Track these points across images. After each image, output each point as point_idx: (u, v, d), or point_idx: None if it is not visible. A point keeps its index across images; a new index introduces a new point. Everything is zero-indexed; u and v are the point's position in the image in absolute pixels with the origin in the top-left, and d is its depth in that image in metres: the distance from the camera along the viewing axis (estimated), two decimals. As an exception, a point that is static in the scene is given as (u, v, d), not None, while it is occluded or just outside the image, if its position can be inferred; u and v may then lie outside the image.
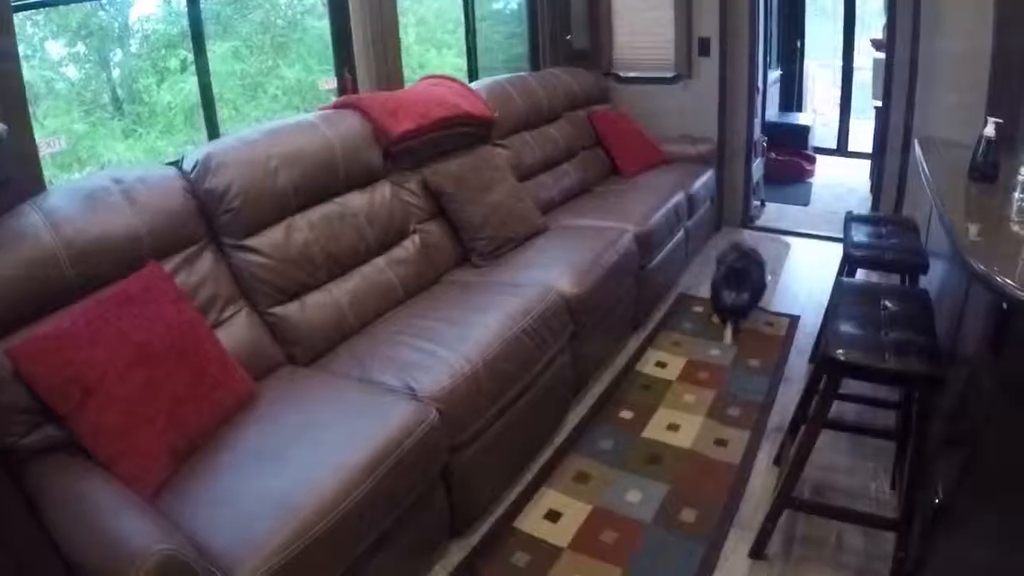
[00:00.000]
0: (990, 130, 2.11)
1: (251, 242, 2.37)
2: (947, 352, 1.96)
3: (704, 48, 4.62)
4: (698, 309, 3.86)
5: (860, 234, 2.80)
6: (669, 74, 4.78)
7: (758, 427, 2.85)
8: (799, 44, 7.36)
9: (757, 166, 5.14)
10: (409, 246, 2.88)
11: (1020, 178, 1.99)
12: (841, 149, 7.65)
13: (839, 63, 8.15)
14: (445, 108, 3.16)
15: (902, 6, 4.02)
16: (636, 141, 4.53)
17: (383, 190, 2.85)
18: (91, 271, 1.95)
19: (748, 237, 4.95)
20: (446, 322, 2.44)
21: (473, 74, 4.29)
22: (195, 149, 2.43)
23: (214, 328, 2.21)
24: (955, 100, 3.39)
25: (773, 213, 5.53)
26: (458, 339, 2.30)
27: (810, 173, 6.55)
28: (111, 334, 1.82)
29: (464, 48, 4.39)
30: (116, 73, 3.63)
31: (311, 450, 1.80)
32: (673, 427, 2.86)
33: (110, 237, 2.00)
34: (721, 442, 2.77)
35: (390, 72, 3.39)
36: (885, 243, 2.72)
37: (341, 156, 2.66)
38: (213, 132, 2.94)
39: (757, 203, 5.35)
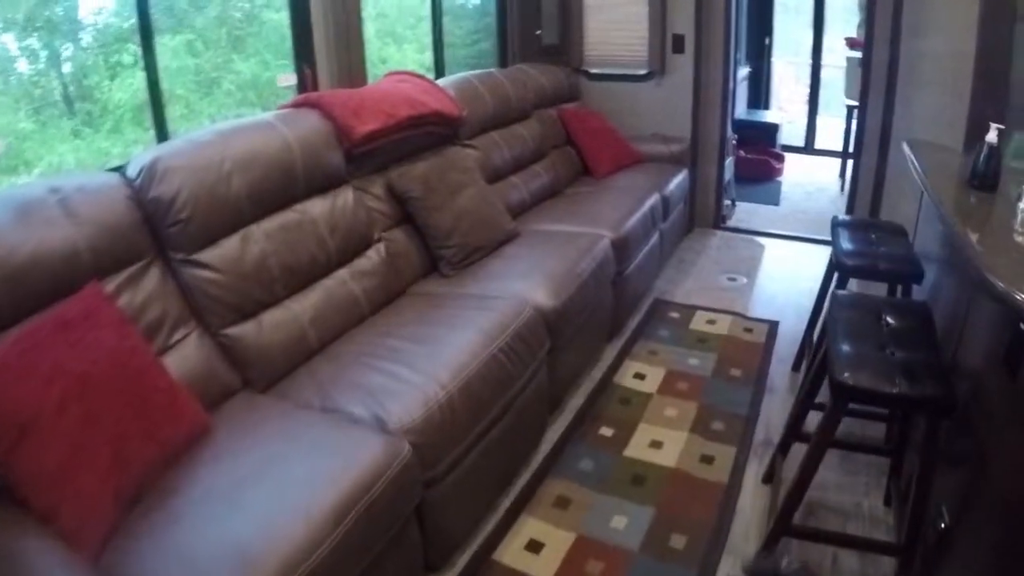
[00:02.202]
0: (992, 136, 1.99)
1: (202, 256, 2.16)
2: (948, 368, 1.85)
3: (678, 45, 4.49)
4: (674, 315, 3.74)
5: (849, 241, 2.68)
6: (642, 71, 4.65)
7: (744, 442, 2.74)
8: (767, 41, 7.29)
9: (728, 165, 5.04)
10: (374, 256, 2.69)
11: (1026, 187, 1.88)
12: (808, 147, 7.63)
13: (806, 61, 8.13)
14: (412, 106, 2.97)
15: (881, 5, 3.93)
16: (608, 140, 4.39)
17: (345, 195, 2.66)
18: (24, 294, 1.74)
19: (719, 238, 4.86)
20: (416, 341, 2.26)
21: (439, 70, 4.11)
22: (141, 153, 2.21)
23: (162, 354, 2.02)
24: (936, 101, 3.30)
25: (744, 213, 5.45)
26: (429, 361, 2.12)
27: (779, 172, 6.49)
28: (47, 365, 1.61)
29: (428, 43, 4.20)
30: (67, 68, 3.39)
31: (272, 493, 1.61)
32: (656, 444, 2.73)
33: (45, 255, 1.78)
34: (707, 459, 2.64)
35: (353, 67, 3.19)
36: (877, 251, 2.60)
37: (300, 159, 2.46)
38: (162, 133, 2.71)
39: (728, 203, 5.25)
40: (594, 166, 4.24)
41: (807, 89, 8.08)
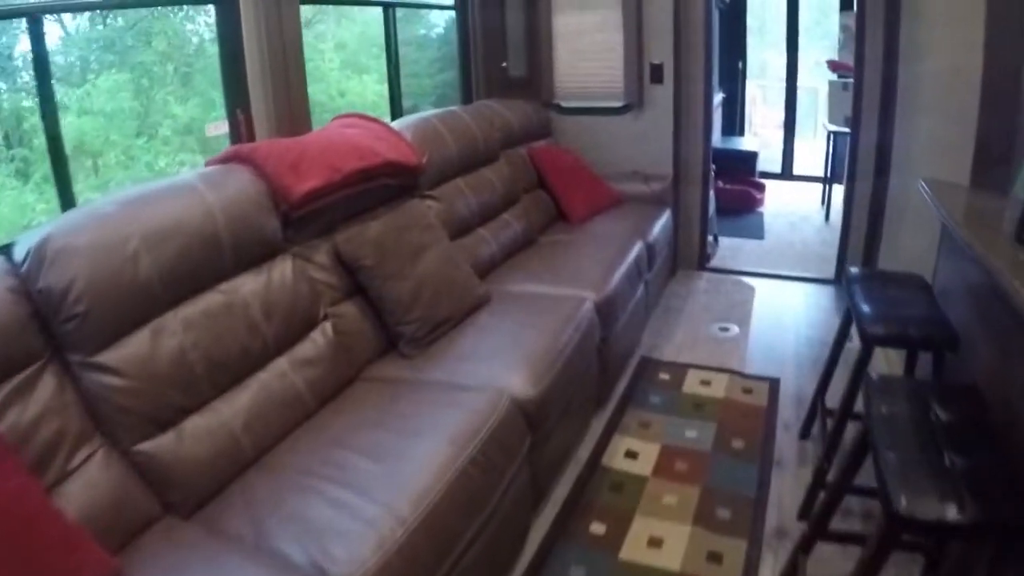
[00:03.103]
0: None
1: (105, 358, 1.73)
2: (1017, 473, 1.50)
3: (657, 75, 4.17)
4: (664, 376, 3.37)
5: (868, 301, 2.33)
6: (618, 104, 4.31)
7: (755, 533, 2.36)
8: (741, 65, 7.03)
9: (711, 199, 4.71)
10: (319, 339, 2.27)
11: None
12: (786, 173, 7.38)
13: (773, 83, 7.91)
14: (362, 157, 2.58)
15: (871, 24, 3.65)
16: (584, 180, 4.03)
17: (283, 267, 2.25)
18: None
19: (705, 281, 4.52)
20: (369, 455, 1.84)
21: (396, 104, 3.72)
22: (30, 232, 1.79)
23: (61, 482, 1.62)
24: (937, 125, 3.00)
25: (728, 250, 5.13)
26: (385, 485, 1.71)
27: (760, 202, 6.21)
28: None
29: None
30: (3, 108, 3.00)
31: None
32: (655, 542, 2.34)
33: None
34: (715, 557, 2.27)
35: (295, 110, 2.80)
36: (902, 313, 2.25)
37: (226, 228, 2.05)
38: (67, 198, 2.29)
39: (711, 239, 4.92)
40: (570, 210, 3.88)
41: (778, 112, 7.86)
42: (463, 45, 4.11)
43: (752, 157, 6.39)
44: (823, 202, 6.28)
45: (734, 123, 7.17)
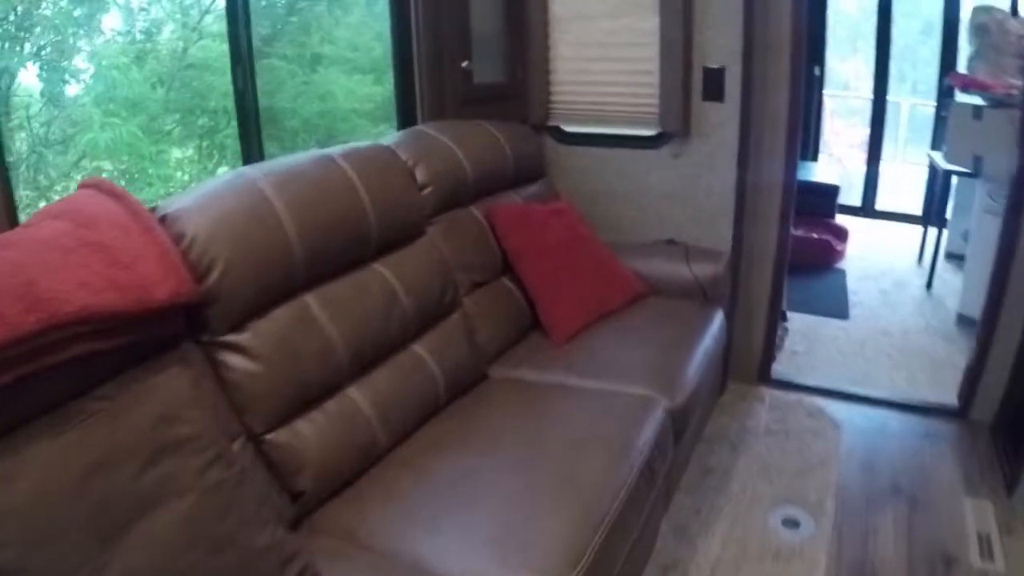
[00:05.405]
0: None
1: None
2: None
3: (714, 86, 2.59)
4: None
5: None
6: (649, 132, 2.74)
7: None
8: (817, 72, 5.39)
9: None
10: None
11: None
12: (868, 208, 5.76)
13: (856, 96, 6.32)
14: (54, 300, 1.07)
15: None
16: (581, 263, 2.44)
17: None
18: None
19: (767, 408, 2.93)
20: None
21: (252, 142, 2.15)
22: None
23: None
24: None
25: (800, 337, 3.56)
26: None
27: (841, 255, 4.59)
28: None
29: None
30: None
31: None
32: None
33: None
34: None
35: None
36: None
37: None
38: None
39: (781, 326, 3.33)
40: (551, 319, 2.29)
41: (857, 129, 6.24)
42: (399, 36, 2.54)
43: (832, 192, 4.79)
44: (920, 256, 4.68)
45: (806, 144, 5.52)
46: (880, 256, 4.84)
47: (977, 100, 3.73)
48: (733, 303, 2.83)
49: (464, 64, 2.54)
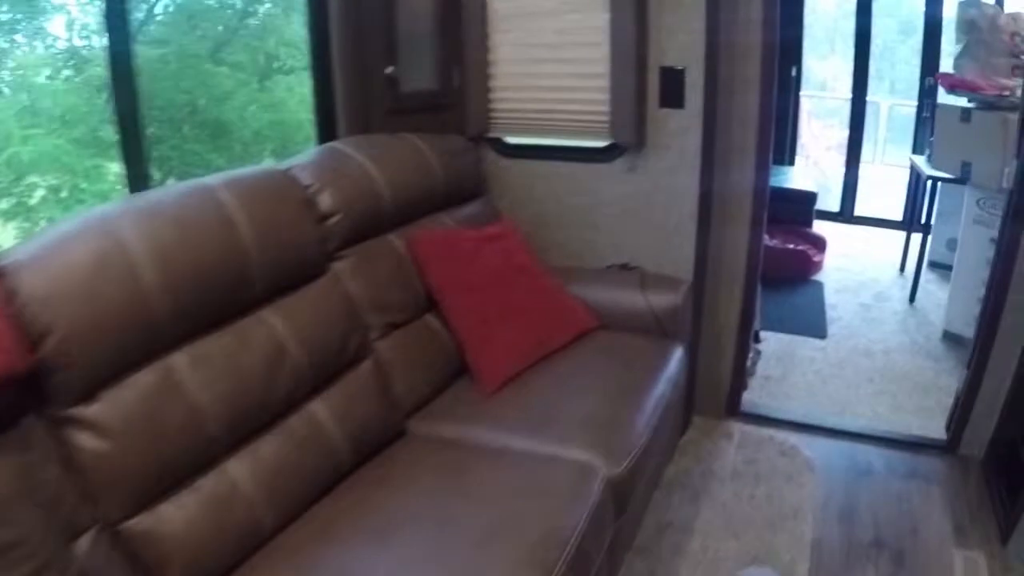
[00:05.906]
0: None
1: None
2: None
3: (672, 91, 2.31)
4: None
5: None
6: (600, 143, 2.46)
7: None
8: (794, 72, 5.14)
9: (757, 296, 2.85)
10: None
11: None
12: (846, 214, 5.52)
13: (832, 97, 6.12)
14: None
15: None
16: (516, 296, 2.14)
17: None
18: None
19: (735, 446, 2.65)
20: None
21: (137, 170, 1.84)
22: None
23: None
24: None
25: (772, 360, 3.30)
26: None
27: (819, 267, 4.33)
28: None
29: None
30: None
31: None
32: None
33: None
34: None
35: None
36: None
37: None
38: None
39: (753, 348, 3.06)
40: (480, 364, 1.98)
41: (833, 130, 6.03)
42: (317, 39, 2.23)
43: (809, 199, 4.53)
44: (902, 265, 4.44)
45: (782, 148, 5.26)
46: (860, 265, 4.60)
47: (964, 102, 3.49)
48: (697, 329, 2.55)
49: (388, 70, 2.24)
